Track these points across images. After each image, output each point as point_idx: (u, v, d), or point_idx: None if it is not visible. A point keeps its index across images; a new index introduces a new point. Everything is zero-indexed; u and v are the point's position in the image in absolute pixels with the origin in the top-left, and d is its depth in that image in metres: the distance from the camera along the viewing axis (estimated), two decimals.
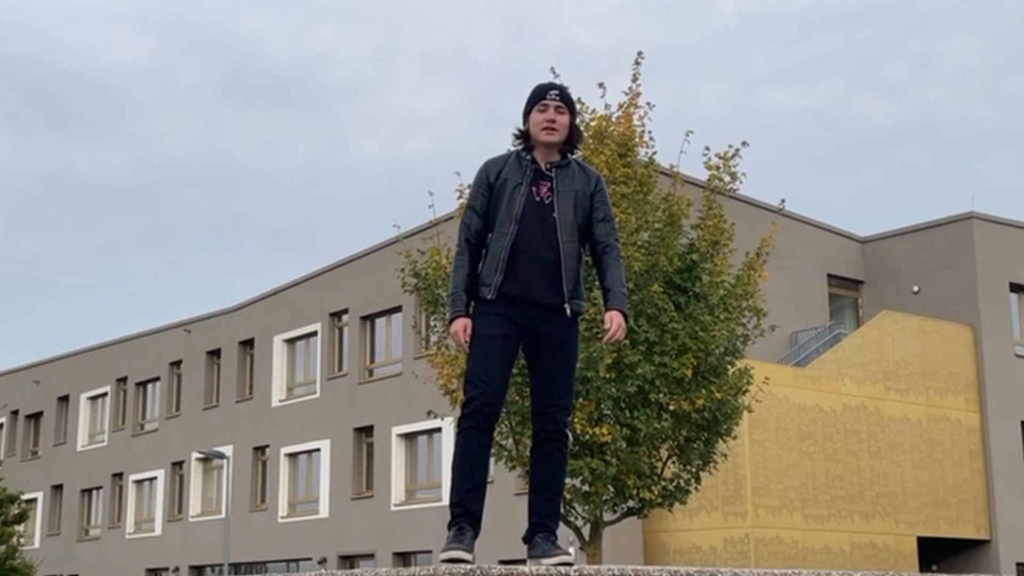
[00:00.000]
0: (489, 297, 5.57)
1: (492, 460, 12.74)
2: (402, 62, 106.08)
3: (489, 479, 5.68)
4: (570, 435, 5.79)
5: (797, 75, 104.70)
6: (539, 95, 5.73)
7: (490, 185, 5.69)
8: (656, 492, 18.29)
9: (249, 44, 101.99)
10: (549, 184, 5.65)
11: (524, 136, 5.77)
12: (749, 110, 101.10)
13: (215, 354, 45.52)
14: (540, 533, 5.55)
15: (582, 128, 18.54)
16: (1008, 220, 35.77)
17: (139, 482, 48.23)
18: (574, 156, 5.84)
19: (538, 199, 5.62)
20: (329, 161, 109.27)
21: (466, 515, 5.42)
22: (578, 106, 18.65)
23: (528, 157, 5.71)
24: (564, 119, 5.70)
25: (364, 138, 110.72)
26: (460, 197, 18.32)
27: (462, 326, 5.58)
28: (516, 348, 5.64)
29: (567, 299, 5.60)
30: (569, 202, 5.64)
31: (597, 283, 6.22)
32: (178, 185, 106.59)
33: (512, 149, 5.84)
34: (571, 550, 28.39)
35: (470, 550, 5.27)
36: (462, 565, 4.68)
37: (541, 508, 5.64)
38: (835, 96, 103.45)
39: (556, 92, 5.73)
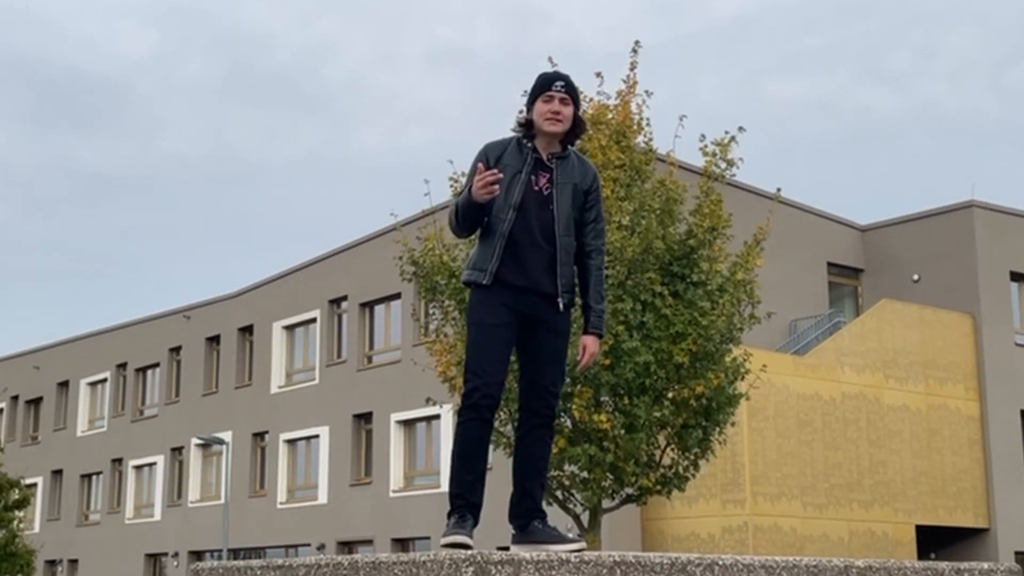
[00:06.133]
0: (485, 283, 5.49)
1: (491, 447, 12.73)
2: (405, 55, 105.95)
3: (488, 466, 5.62)
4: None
5: (800, 66, 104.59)
6: (545, 85, 5.63)
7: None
8: (654, 479, 18.28)
9: (252, 36, 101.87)
10: (549, 175, 5.57)
11: (528, 124, 5.66)
12: (752, 101, 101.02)
13: (214, 340, 45.51)
14: (538, 519, 5.48)
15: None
16: (1008, 209, 35.70)
17: (138, 468, 48.26)
18: (573, 148, 5.75)
19: (536, 189, 5.54)
20: (331, 152, 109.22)
21: (467, 505, 5.36)
22: None
23: (530, 145, 5.61)
24: (568, 110, 5.61)
25: (366, 130, 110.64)
26: (454, 184, 18.29)
27: (480, 169, 5.43)
28: (515, 335, 5.55)
29: (560, 293, 5.55)
30: (567, 195, 5.57)
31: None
32: (180, 176, 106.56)
33: (514, 134, 5.73)
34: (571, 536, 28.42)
35: (471, 536, 5.23)
36: (463, 550, 4.64)
37: (536, 493, 5.58)
38: (838, 87, 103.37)
39: (562, 84, 5.61)
